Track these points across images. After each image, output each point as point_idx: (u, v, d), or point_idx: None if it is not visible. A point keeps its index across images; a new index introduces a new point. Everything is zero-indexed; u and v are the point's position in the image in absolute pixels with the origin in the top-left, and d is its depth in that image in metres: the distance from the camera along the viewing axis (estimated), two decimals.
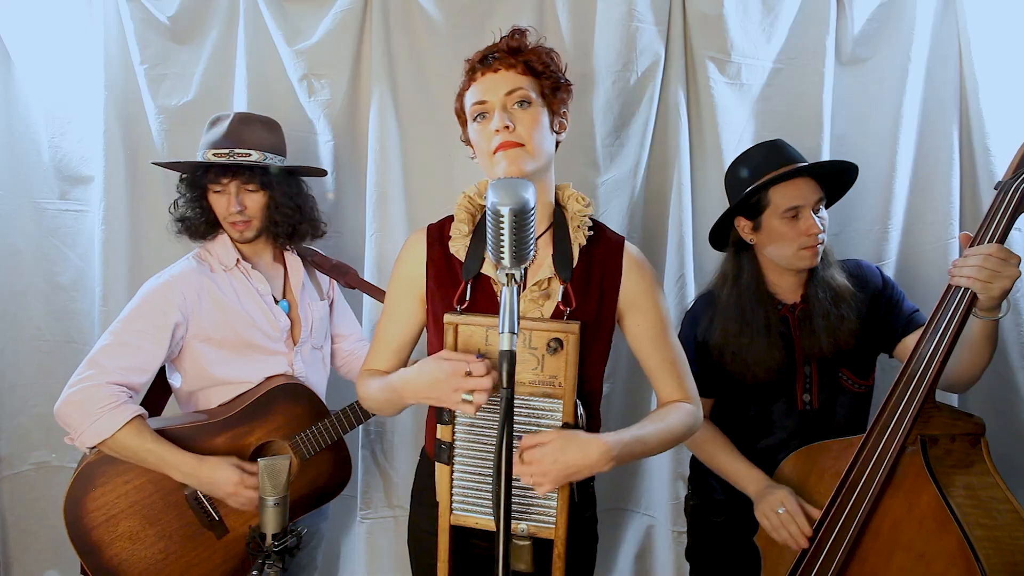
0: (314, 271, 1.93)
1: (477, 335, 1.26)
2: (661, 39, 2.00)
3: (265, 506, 1.30)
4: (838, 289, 1.56)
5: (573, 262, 1.30)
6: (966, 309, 1.33)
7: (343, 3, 2.06)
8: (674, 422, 1.32)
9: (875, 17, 1.99)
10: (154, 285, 1.66)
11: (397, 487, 2.19)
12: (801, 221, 1.54)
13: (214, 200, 1.72)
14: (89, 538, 1.56)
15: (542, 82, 1.30)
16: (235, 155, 1.69)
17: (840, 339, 1.54)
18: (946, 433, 1.38)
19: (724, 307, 1.63)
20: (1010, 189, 1.32)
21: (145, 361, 1.61)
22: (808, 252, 1.55)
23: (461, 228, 1.34)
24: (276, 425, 1.69)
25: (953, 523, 1.29)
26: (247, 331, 1.70)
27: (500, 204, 0.94)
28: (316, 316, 1.84)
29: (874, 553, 1.39)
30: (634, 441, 1.24)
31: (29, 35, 2.11)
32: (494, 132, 1.25)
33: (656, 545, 2.21)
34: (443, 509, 1.30)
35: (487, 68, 1.29)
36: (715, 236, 1.73)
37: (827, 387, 1.60)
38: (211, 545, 1.64)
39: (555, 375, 1.23)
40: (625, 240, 1.39)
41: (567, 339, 1.21)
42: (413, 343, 1.44)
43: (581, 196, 1.37)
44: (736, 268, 1.65)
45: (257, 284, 1.74)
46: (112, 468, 1.58)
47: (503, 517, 0.94)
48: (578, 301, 1.29)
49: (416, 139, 2.12)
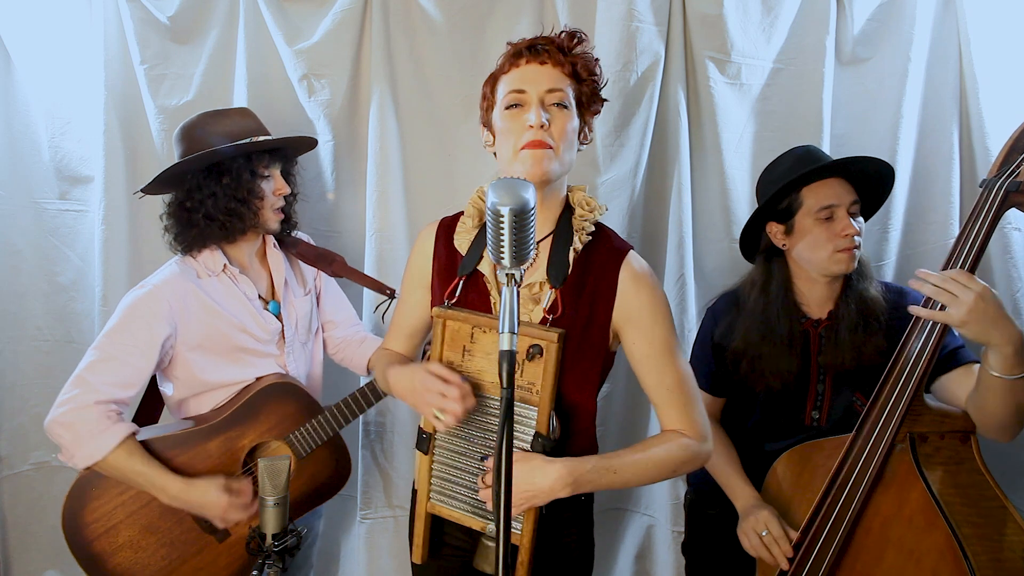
0: (297, 264, 1.89)
1: (463, 332, 1.26)
2: (661, 39, 2.00)
3: (265, 506, 1.30)
4: (870, 302, 1.51)
5: (568, 268, 1.26)
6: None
7: (343, 3, 2.06)
8: (659, 454, 1.24)
9: (875, 17, 1.99)
10: (138, 296, 1.59)
11: (397, 487, 2.19)
12: (836, 222, 1.49)
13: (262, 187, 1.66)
14: (91, 550, 1.56)
15: (582, 88, 1.26)
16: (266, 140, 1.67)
17: (865, 355, 1.48)
18: (935, 430, 1.38)
19: (749, 313, 1.59)
20: (994, 187, 1.32)
21: (133, 375, 1.57)
22: (844, 255, 1.49)
23: (467, 223, 1.35)
24: (269, 426, 1.67)
25: (942, 520, 1.29)
26: (237, 336, 1.67)
27: (500, 204, 0.94)
28: (300, 313, 1.82)
29: (866, 550, 1.40)
30: (600, 468, 1.20)
31: (29, 35, 2.11)
32: (527, 127, 1.21)
33: (656, 545, 2.21)
34: (421, 496, 1.33)
35: (533, 57, 1.24)
36: (745, 244, 1.69)
37: (838, 407, 1.56)
38: (214, 549, 1.64)
39: (533, 382, 1.21)
40: (631, 251, 1.31)
41: (547, 347, 1.19)
42: (426, 329, 1.48)
43: (589, 200, 1.32)
44: (766, 275, 1.60)
45: (244, 288, 1.71)
46: (106, 480, 1.58)
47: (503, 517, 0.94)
48: (567, 310, 1.25)
49: (416, 139, 2.12)
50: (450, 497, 1.31)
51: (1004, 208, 1.31)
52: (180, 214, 1.66)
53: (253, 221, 1.67)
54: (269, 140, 1.69)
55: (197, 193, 1.63)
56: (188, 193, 1.64)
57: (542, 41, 1.25)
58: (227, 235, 1.66)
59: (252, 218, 1.66)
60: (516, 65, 1.25)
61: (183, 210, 1.65)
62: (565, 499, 1.30)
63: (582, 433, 1.30)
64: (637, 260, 1.31)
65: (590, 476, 1.19)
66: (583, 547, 1.41)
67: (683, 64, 2.03)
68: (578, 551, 1.39)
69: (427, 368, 1.23)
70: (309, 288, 1.89)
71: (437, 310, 1.28)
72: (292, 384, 1.73)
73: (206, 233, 1.64)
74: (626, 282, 1.28)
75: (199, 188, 1.63)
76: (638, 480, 1.25)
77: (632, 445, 1.27)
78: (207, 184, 1.63)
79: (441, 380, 1.20)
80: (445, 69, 2.07)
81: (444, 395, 1.18)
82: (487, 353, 1.26)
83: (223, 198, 1.62)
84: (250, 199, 1.64)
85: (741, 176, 2.03)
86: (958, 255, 1.33)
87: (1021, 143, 1.35)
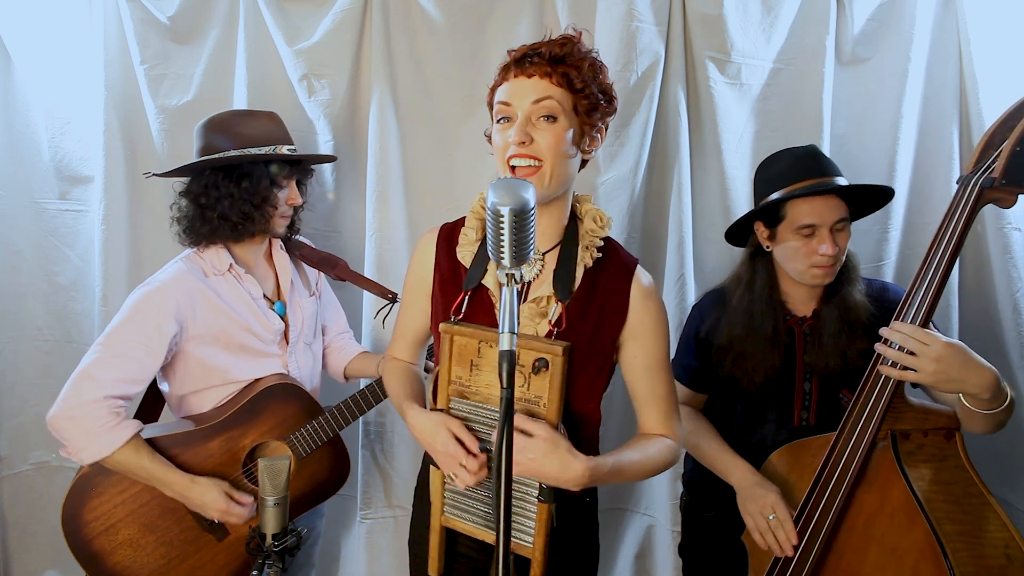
0: (302, 265, 1.91)
1: (471, 347, 1.26)
2: (661, 39, 2.00)
3: (265, 506, 1.30)
4: (853, 307, 1.52)
5: (575, 283, 1.27)
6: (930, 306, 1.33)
7: (343, 3, 2.06)
8: (655, 456, 1.30)
9: (875, 17, 1.99)
10: (145, 293, 1.60)
11: (397, 487, 2.19)
12: (815, 240, 1.50)
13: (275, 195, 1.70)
14: (90, 548, 1.56)
15: (577, 98, 1.22)
16: (293, 150, 1.74)
17: (849, 359, 1.50)
18: (918, 428, 1.38)
19: (734, 310, 1.61)
20: (970, 183, 1.33)
21: (140, 372, 1.58)
22: (819, 271, 1.51)
23: (469, 234, 1.34)
24: (270, 426, 1.68)
25: (922, 517, 1.30)
26: (241, 335, 1.68)
27: (500, 204, 0.94)
28: (306, 314, 1.83)
29: (850, 548, 1.40)
30: (613, 470, 1.22)
31: (29, 35, 2.11)
32: (509, 142, 1.20)
33: (656, 545, 2.21)
34: (435, 510, 1.32)
35: (521, 70, 1.22)
36: (734, 233, 1.71)
37: (826, 405, 1.57)
38: (213, 548, 1.64)
39: (540, 395, 1.21)
40: (638, 266, 1.33)
41: (552, 360, 1.19)
42: (428, 335, 1.49)
43: (600, 215, 1.31)
44: (751, 273, 1.62)
45: (249, 287, 1.72)
46: (107, 478, 1.58)
47: (503, 518, 0.94)
48: (573, 324, 1.25)
49: (416, 139, 2.12)
50: (463, 510, 1.30)
51: (980, 204, 1.32)
52: (194, 208, 1.67)
53: (263, 226, 1.70)
54: (295, 154, 1.74)
55: (214, 191, 1.65)
56: (205, 189, 1.66)
57: (532, 50, 1.22)
58: (236, 235, 1.68)
59: (263, 223, 1.69)
60: (506, 78, 1.24)
61: (197, 205, 1.67)
62: (572, 502, 1.31)
63: (587, 441, 1.31)
64: (645, 276, 1.33)
65: (606, 476, 1.21)
66: (588, 549, 1.42)
67: (683, 64, 2.02)
68: (583, 553, 1.40)
69: (450, 427, 1.22)
70: (314, 290, 1.91)
71: (444, 326, 1.27)
72: (293, 385, 1.74)
73: (217, 230, 1.66)
74: (637, 300, 1.30)
75: (216, 186, 1.65)
76: (634, 479, 1.33)
77: (630, 444, 1.31)
78: (225, 184, 1.65)
79: (462, 448, 1.21)
80: (445, 69, 2.07)
81: (463, 466, 1.20)
82: (495, 367, 1.25)
83: (239, 200, 1.64)
84: (264, 206, 1.68)
85: (741, 176, 2.03)
86: (935, 252, 1.34)
87: (996, 139, 1.36)
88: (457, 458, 1.20)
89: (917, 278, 1.36)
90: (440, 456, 1.24)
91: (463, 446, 1.21)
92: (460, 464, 1.20)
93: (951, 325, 1.99)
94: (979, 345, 2.00)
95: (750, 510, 1.49)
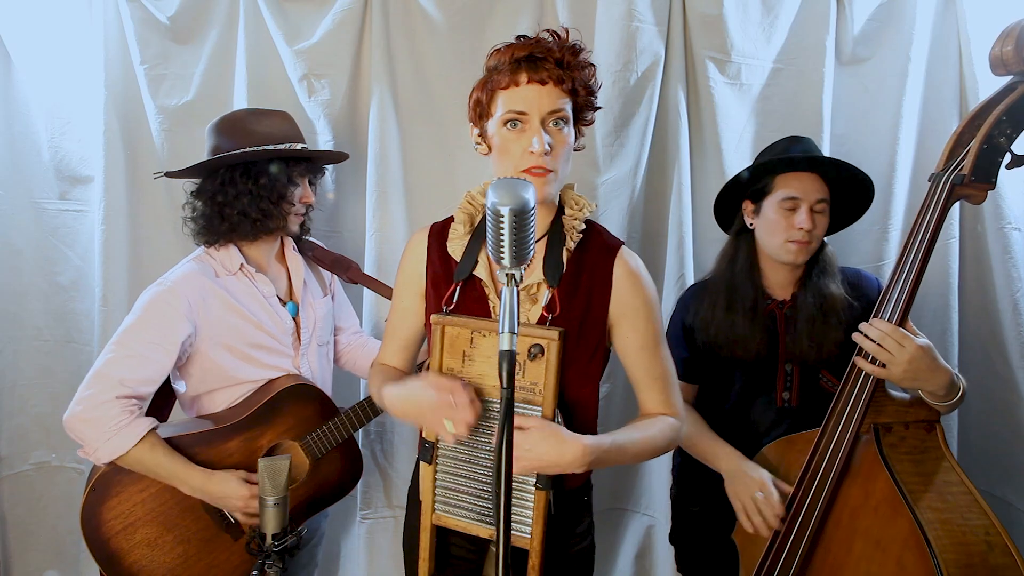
0: (316, 266, 1.91)
1: (463, 337, 1.26)
2: (661, 39, 2.00)
3: (265, 506, 1.30)
4: (828, 298, 1.56)
5: (562, 267, 1.28)
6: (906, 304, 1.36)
7: (343, 3, 2.06)
8: (657, 435, 1.29)
9: (875, 17, 1.99)
10: (157, 292, 1.59)
11: (397, 487, 2.20)
12: (796, 215, 1.55)
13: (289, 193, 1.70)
14: (108, 547, 1.56)
15: (578, 101, 1.26)
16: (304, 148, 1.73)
17: (824, 349, 1.55)
18: (899, 421, 1.41)
19: (714, 284, 1.66)
20: (940, 180, 1.35)
21: (154, 372, 1.58)
22: (794, 247, 1.55)
23: (458, 229, 1.34)
24: (287, 427, 1.68)
25: (905, 508, 1.31)
26: (254, 334, 1.68)
27: (500, 204, 0.94)
28: (320, 314, 1.83)
29: (836, 542, 1.42)
30: (613, 448, 1.21)
31: (29, 35, 2.11)
32: (530, 152, 1.20)
33: (656, 545, 2.21)
34: (426, 508, 1.31)
35: (534, 75, 1.20)
36: (722, 216, 1.74)
37: (807, 387, 1.60)
38: (228, 547, 1.64)
39: (536, 381, 1.21)
40: (622, 247, 1.34)
41: (548, 346, 1.19)
42: (421, 339, 1.47)
43: (578, 199, 1.33)
44: (734, 250, 1.67)
45: (262, 287, 1.71)
46: (127, 477, 1.58)
47: (503, 517, 0.94)
48: (563, 308, 1.26)
49: (416, 139, 2.12)
50: (456, 506, 1.29)
51: (951, 201, 1.35)
52: (211, 207, 1.66)
53: (281, 223, 1.70)
54: (310, 151, 1.74)
55: (231, 188, 1.64)
56: (221, 187, 1.64)
57: (542, 53, 1.21)
58: (255, 233, 1.67)
59: (281, 220, 1.69)
60: (516, 83, 1.21)
61: (214, 203, 1.65)
62: (568, 500, 1.31)
63: (585, 428, 1.30)
64: (630, 255, 1.34)
65: (606, 455, 1.20)
66: (585, 548, 1.41)
67: (683, 64, 2.03)
68: (581, 551, 1.40)
69: (427, 383, 1.21)
70: (329, 290, 1.92)
71: (436, 317, 1.27)
72: (311, 386, 1.74)
73: (237, 227, 1.65)
74: (620, 279, 1.30)
75: (233, 183, 1.64)
76: (638, 459, 1.31)
77: (631, 424, 1.32)
78: (242, 181, 1.64)
79: (445, 388, 1.19)
80: (445, 69, 2.07)
81: (451, 404, 1.16)
82: (487, 357, 1.25)
83: (257, 197, 1.64)
84: (281, 203, 1.68)
85: None
86: (909, 250, 1.37)
87: (964, 138, 1.38)
88: (445, 400, 1.17)
89: (893, 276, 1.39)
90: (426, 411, 1.20)
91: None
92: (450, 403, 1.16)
93: (951, 325, 1.99)
94: (979, 345, 2.01)
95: (738, 492, 1.51)
